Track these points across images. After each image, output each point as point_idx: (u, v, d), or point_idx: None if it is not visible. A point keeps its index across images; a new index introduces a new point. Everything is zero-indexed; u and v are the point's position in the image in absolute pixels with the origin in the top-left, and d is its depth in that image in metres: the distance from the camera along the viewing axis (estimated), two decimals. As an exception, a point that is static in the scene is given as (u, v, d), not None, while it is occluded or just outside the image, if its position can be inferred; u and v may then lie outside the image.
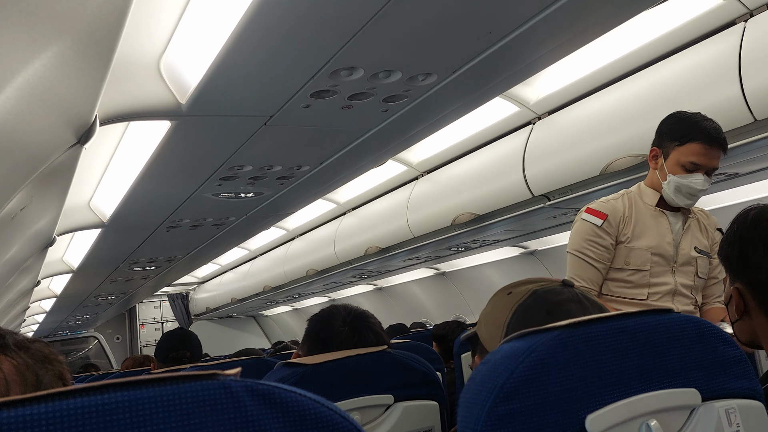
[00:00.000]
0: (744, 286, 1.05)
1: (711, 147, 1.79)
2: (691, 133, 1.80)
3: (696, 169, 1.81)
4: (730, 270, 1.08)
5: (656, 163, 1.90)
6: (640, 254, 1.88)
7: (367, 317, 1.33)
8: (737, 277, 1.06)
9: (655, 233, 1.90)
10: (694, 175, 1.82)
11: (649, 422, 0.65)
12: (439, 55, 1.83)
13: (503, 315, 0.85)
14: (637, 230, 1.90)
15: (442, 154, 3.70)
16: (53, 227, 3.01)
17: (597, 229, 1.90)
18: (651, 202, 1.92)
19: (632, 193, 1.97)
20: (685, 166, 1.82)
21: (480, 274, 5.61)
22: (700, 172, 1.82)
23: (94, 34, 1.25)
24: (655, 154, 1.90)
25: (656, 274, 1.88)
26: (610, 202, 1.95)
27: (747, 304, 1.05)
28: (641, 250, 1.88)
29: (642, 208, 1.93)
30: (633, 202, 1.94)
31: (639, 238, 1.89)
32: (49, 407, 0.42)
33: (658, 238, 1.89)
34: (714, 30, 2.29)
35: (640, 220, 1.91)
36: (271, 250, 6.39)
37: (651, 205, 1.92)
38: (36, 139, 1.61)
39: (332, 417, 0.50)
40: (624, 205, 1.93)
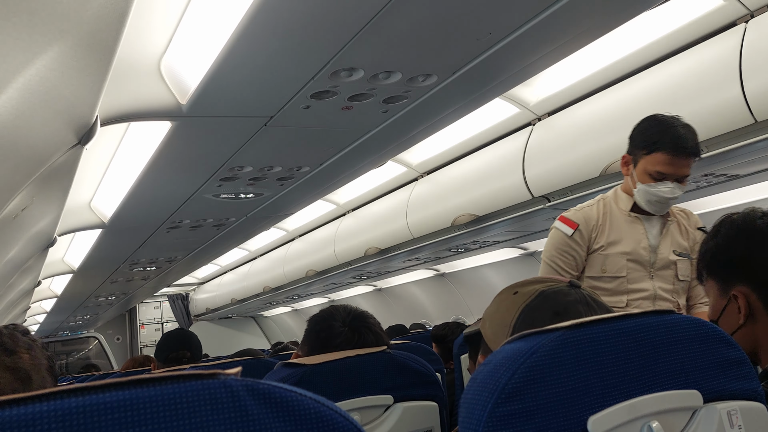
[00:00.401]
0: (749, 289, 1.01)
1: (678, 156, 1.77)
2: (658, 142, 1.78)
3: (663, 178, 1.80)
4: (727, 275, 1.04)
5: (627, 170, 1.90)
6: (616, 261, 1.87)
7: (367, 318, 1.33)
8: (738, 282, 1.02)
9: (630, 239, 1.89)
10: (662, 184, 1.80)
11: (650, 424, 0.65)
12: (439, 56, 1.83)
13: (509, 315, 0.84)
14: (612, 237, 1.89)
15: (441, 155, 3.70)
16: (54, 227, 3.01)
17: (567, 238, 1.90)
18: (625, 208, 1.92)
19: (608, 198, 1.97)
20: (653, 174, 1.80)
21: (479, 275, 5.61)
22: (668, 180, 1.80)
23: (95, 35, 1.25)
24: (626, 161, 1.90)
25: (634, 280, 1.87)
26: (584, 209, 1.94)
27: (753, 307, 1.01)
28: (616, 257, 1.87)
29: (617, 214, 1.92)
30: (608, 209, 1.93)
31: (614, 245, 1.89)
32: (50, 406, 0.41)
33: (633, 244, 1.89)
34: (715, 31, 2.30)
35: (614, 226, 1.91)
36: (270, 251, 6.39)
37: (625, 211, 1.91)
38: (37, 140, 1.61)
39: (333, 417, 0.50)
40: (598, 212, 1.92)
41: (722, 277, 1.05)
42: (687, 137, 1.77)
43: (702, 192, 3.21)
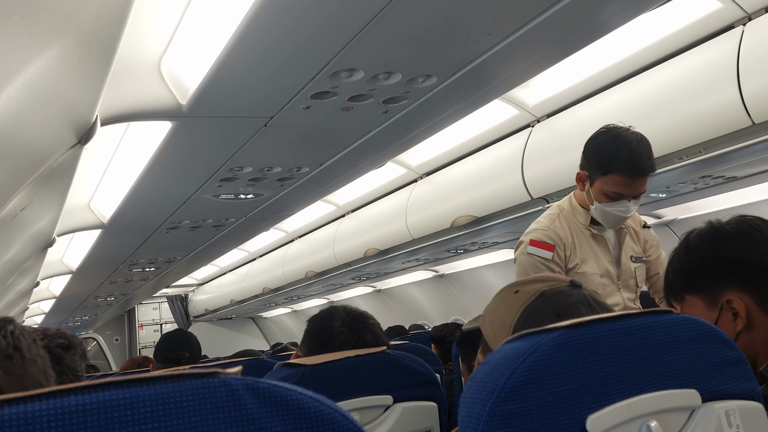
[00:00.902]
0: (743, 293, 0.99)
1: (634, 177, 1.75)
2: (612, 164, 1.75)
3: (620, 197, 1.78)
4: (713, 286, 1.02)
5: (583, 186, 1.87)
6: (591, 279, 1.85)
7: (366, 318, 1.33)
8: (728, 288, 1.00)
9: (596, 257, 1.88)
10: (619, 203, 1.78)
11: (649, 423, 0.65)
12: (439, 58, 1.83)
13: (510, 315, 0.84)
14: (582, 255, 1.87)
15: (441, 156, 3.70)
16: (53, 228, 3.01)
17: (548, 262, 1.84)
18: (584, 222, 1.89)
19: (565, 210, 1.92)
20: (609, 195, 1.78)
21: (478, 276, 5.62)
22: (624, 199, 1.78)
23: (96, 35, 1.25)
24: (581, 177, 1.86)
25: (606, 295, 1.86)
26: (551, 228, 1.88)
27: (748, 311, 0.99)
28: (591, 275, 1.85)
29: (579, 230, 1.89)
30: (571, 224, 1.89)
31: (585, 263, 1.86)
32: (50, 404, 0.42)
33: (601, 261, 1.88)
34: (712, 33, 2.30)
35: (581, 244, 1.88)
36: (270, 252, 6.39)
37: (585, 225, 1.89)
38: (36, 140, 1.61)
39: (333, 416, 0.50)
40: (563, 229, 1.88)
41: (707, 290, 1.03)
42: (642, 156, 1.73)
43: (700, 194, 3.22)
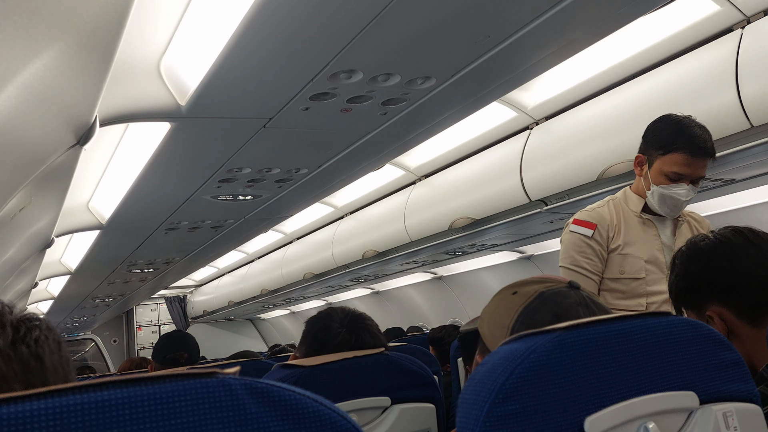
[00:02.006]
0: (722, 306, 1.04)
1: (695, 157, 1.74)
2: (676, 142, 1.74)
3: (680, 179, 1.76)
4: (697, 302, 1.07)
5: (641, 170, 1.86)
6: (634, 262, 1.84)
7: (365, 319, 1.33)
8: (709, 304, 1.05)
9: (644, 242, 1.86)
10: (678, 185, 1.77)
11: (647, 425, 0.65)
12: (438, 59, 1.83)
13: (508, 316, 0.84)
14: (628, 238, 1.86)
15: (439, 158, 3.71)
16: (52, 228, 3.01)
17: (588, 239, 1.85)
18: (636, 209, 1.88)
19: (617, 199, 1.93)
20: (669, 175, 1.77)
21: (477, 278, 5.62)
22: (684, 182, 1.77)
23: (95, 35, 1.25)
24: (640, 161, 1.86)
25: (651, 282, 1.84)
26: (596, 210, 1.90)
27: (729, 324, 1.04)
28: (635, 258, 1.84)
29: (629, 215, 1.89)
30: (620, 209, 1.90)
31: (630, 246, 1.85)
32: (48, 403, 0.42)
33: (648, 246, 1.86)
34: (711, 36, 2.31)
35: (629, 228, 1.87)
36: (268, 254, 6.38)
37: (636, 212, 1.88)
38: (35, 140, 1.61)
39: (331, 416, 0.50)
40: (611, 212, 1.89)
41: (694, 305, 1.09)
42: (704, 137, 1.74)
43: (698, 197, 3.22)
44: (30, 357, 0.61)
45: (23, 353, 0.61)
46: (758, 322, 1.02)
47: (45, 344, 0.63)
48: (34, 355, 0.61)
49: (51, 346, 0.64)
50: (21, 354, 0.60)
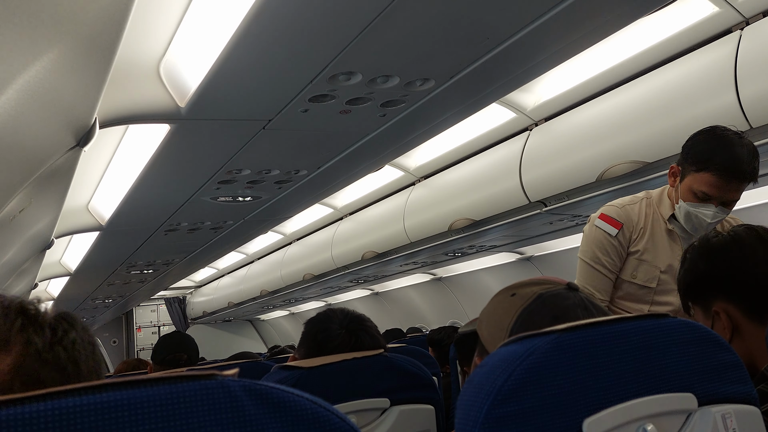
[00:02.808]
0: (729, 303, 1.05)
1: (728, 180, 1.62)
2: (710, 161, 1.63)
3: (708, 199, 1.66)
4: (705, 297, 1.08)
5: (673, 182, 1.77)
6: (649, 270, 1.79)
7: (364, 321, 1.33)
8: (716, 299, 1.06)
9: (666, 250, 1.80)
10: (705, 206, 1.67)
11: (645, 426, 0.65)
12: (437, 61, 1.84)
13: (507, 318, 0.84)
14: (650, 245, 1.80)
15: (439, 159, 3.71)
16: (51, 229, 3.01)
17: (611, 238, 1.79)
18: (665, 215, 1.81)
19: (653, 198, 1.85)
20: (697, 194, 1.67)
21: (476, 279, 5.62)
22: (713, 202, 1.66)
23: (95, 37, 1.26)
24: (674, 172, 1.76)
25: (661, 292, 1.80)
26: (625, 207, 1.82)
27: (735, 321, 1.04)
28: (651, 266, 1.79)
29: (658, 219, 1.82)
30: (651, 212, 1.82)
31: (650, 253, 1.79)
32: (47, 405, 0.42)
33: (668, 255, 1.80)
34: (710, 38, 2.31)
35: (654, 233, 1.80)
36: (268, 255, 6.38)
37: (665, 220, 1.81)
38: (35, 141, 1.61)
39: (330, 418, 0.50)
40: (640, 214, 1.82)
41: (701, 300, 1.10)
42: (743, 159, 1.60)
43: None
44: (68, 361, 0.59)
45: (61, 357, 0.59)
46: (764, 320, 1.03)
47: (81, 348, 0.61)
48: (72, 360, 0.59)
49: (86, 349, 0.62)
50: (58, 358, 0.58)
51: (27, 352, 0.56)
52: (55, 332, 0.60)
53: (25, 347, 0.56)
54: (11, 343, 0.56)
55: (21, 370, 0.55)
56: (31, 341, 0.57)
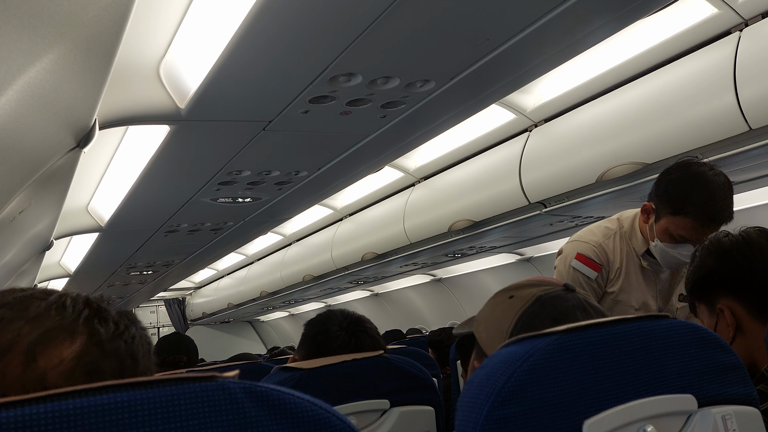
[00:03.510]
0: (734, 300, 1.06)
1: (707, 225, 1.55)
2: (687, 205, 1.57)
3: (686, 241, 1.61)
4: (711, 294, 1.10)
5: (646, 219, 1.70)
6: (624, 310, 1.75)
7: (364, 322, 1.33)
8: (722, 297, 1.08)
9: (642, 288, 1.76)
10: (683, 246, 1.62)
11: (645, 427, 0.66)
12: (437, 62, 1.84)
13: (506, 320, 0.83)
14: (625, 284, 1.75)
15: (439, 160, 3.71)
16: (51, 231, 3.01)
17: (591, 281, 1.72)
18: (639, 251, 1.74)
19: (625, 231, 1.77)
20: (674, 237, 1.62)
21: (476, 280, 5.62)
22: (690, 243, 1.61)
23: (95, 38, 1.26)
24: (647, 210, 1.69)
25: None
26: (602, 246, 1.74)
27: (739, 319, 1.06)
28: (626, 306, 1.75)
29: (631, 257, 1.76)
30: (625, 247, 1.75)
31: (625, 293, 1.75)
32: (48, 407, 0.42)
33: (644, 294, 1.77)
34: (709, 39, 2.31)
35: (629, 273, 1.75)
36: (268, 256, 6.38)
37: (639, 256, 1.75)
38: (35, 142, 1.61)
39: (330, 419, 0.50)
40: (615, 250, 1.74)
41: (707, 298, 1.11)
42: (719, 202, 1.54)
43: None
44: (126, 355, 0.60)
45: (121, 349, 0.60)
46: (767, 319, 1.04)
47: (140, 344, 0.62)
48: (130, 354, 0.61)
49: (144, 346, 0.63)
50: (119, 350, 0.60)
51: (91, 342, 0.58)
52: (118, 326, 0.61)
53: (90, 337, 0.58)
54: (77, 333, 0.57)
55: (83, 359, 0.56)
56: (96, 332, 0.58)
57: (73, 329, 0.58)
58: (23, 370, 0.54)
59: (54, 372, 0.55)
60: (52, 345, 0.56)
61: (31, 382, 0.54)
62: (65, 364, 0.55)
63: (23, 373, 0.54)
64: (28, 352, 0.55)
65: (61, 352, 0.56)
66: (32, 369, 0.54)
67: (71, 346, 0.56)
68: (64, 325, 0.57)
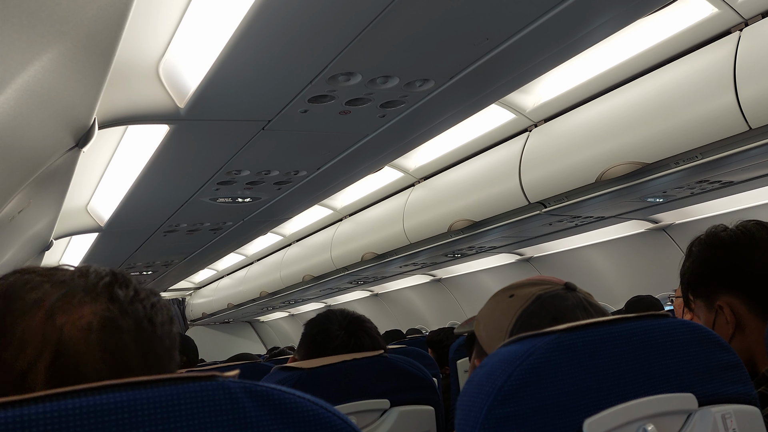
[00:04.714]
0: (733, 297, 1.04)
1: None
2: None
3: None
4: (709, 290, 1.07)
5: None
6: None
7: (364, 322, 1.33)
8: (721, 293, 1.05)
9: None
10: None
11: (646, 426, 0.65)
12: (437, 61, 1.83)
13: (506, 320, 0.83)
14: None
15: (438, 160, 3.71)
16: (50, 231, 3.01)
17: None
18: None
19: None
20: None
21: (476, 280, 5.62)
22: None
23: (94, 37, 1.25)
24: None
25: None
26: None
27: (738, 316, 1.04)
28: None
29: None
30: None
31: None
32: (46, 407, 0.41)
33: None
34: (709, 39, 2.31)
35: None
36: (267, 256, 6.38)
37: None
38: (34, 142, 1.61)
39: (330, 419, 0.50)
40: None
41: (705, 294, 1.09)
42: None
43: (696, 198, 3.23)
44: (144, 317, 0.62)
45: (139, 311, 0.62)
46: (767, 315, 1.02)
47: (159, 312, 0.65)
48: (148, 318, 0.63)
49: (164, 316, 0.65)
50: (137, 311, 0.62)
51: (110, 302, 0.61)
52: (138, 292, 0.65)
53: (110, 299, 0.61)
54: (98, 294, 0.61)
55: (101, 314, 0.59)
56: (116, 294, 0.62)
57: (94, 291, 0.61)
58: (44, 324, 0.57)
59: (71, 326, 0.57)
60: (73, 303, 0.59)
61: (50, 335, 0.56)
62: (84, 318, 0.58)
63: (43, 327, 0.57)
64: (49, 308, 0.58)
65: (81, 309, 0.59)
66: (51, 324, 0.57)
67: (91, 305, 0.60)
68: (86, 288, 0.61)
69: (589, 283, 3.28)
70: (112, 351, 0.58)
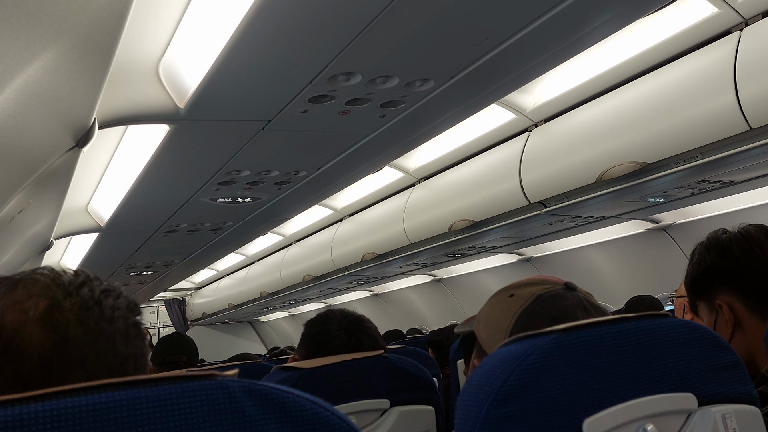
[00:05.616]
0: (733, 296, 1.06)
1: None
2: None
3: None
4: (710, 291, 1.09)
5: None
6: None
7: (363, 322, 1.33)
8: (721, 293, 1.07)
9: None
10: None
11: (645, 426, 0.65)
12: (437, 61, 1.83)
13: (506, 319, 0.83)
14: None
15: (439, 160, 3.71)
16: (50, 231, 3.01)
17: None
18: None
19: None
20: None
21: (476, 280, 5.62)
22: None
23: (94, 37, 1.25)
24: None
25: None
26: None
27: (737, 315, 1.05)
28: None
29: None
30: None
31: None
32: (46, 406, 0.41)
33: None
34: (709, 39, 2.31)
35: None
36: (268, 256, 6.38)
37: None
38: (34, 142, 1.61)
39: (330, 418, 0.50)
40: None
41: (706, 295, 1.11)
42: None
43: (697, 198, 3.22)
44: (90, 299, 0.66)
45: (85, 293, 0.66)
46: (766, 315, 1.03)
47: (108, 298, 0.68)
48: (95, 299, 0.66)
49: (121, 311, 0.68)
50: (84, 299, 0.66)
51: (57, 288, 0.65)
52: (93, 286, 0.68)
53: (57, 286, 0.65)
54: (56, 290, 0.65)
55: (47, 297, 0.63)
56: (63, 281, 0.66)
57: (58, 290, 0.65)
58: None
59: (12, 311, 0.62)
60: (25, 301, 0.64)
61: None
62: (27, 303, 0.63)
63: None
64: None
65: (29, 301, 0.64)
66: None
67: (43, 299, 0.64)
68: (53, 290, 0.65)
69: (589, 283, 3.28)
70: (51, 321, 0.61)
